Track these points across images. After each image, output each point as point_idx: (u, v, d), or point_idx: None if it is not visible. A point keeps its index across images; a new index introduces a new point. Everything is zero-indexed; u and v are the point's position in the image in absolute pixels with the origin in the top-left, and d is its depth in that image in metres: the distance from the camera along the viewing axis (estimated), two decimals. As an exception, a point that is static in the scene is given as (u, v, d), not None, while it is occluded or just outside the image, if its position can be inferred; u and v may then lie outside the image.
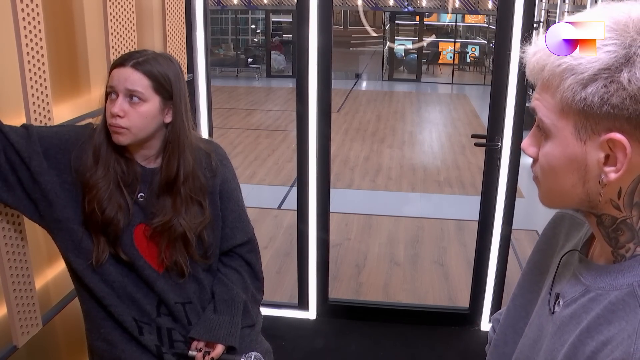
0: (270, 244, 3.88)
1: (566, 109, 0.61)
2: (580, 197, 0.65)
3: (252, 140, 7.59)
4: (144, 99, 1.26)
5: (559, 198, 0.68)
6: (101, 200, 1.27)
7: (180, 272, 1.36)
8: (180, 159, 1.32)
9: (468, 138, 5.97)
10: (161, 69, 1.28)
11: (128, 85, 1.24)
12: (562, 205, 0.71)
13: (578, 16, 0.62)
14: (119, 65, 1.26)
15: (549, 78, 0.62)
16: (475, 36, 16.66)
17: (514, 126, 2.48)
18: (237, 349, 1.39)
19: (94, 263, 1.29)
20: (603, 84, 0.58)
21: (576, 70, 0.59)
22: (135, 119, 1.25)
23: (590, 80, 0.58)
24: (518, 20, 2.36)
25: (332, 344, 2.71)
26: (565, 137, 0.63)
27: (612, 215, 0.65)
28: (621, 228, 0.65)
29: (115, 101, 1.25)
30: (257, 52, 15.04)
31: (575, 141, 0.62)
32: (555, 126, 0.63)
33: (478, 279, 2.79)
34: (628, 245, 0.65)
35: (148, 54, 1.29)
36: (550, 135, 0.64)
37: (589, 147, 0.62)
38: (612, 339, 0.61)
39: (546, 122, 0.64)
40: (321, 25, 2.49)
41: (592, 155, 0.62)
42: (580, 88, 0.59)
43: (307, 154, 2.67)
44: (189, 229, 1.34)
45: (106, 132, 1.29)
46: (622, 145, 0.59)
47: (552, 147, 0.65)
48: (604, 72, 0.57)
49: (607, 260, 0.68)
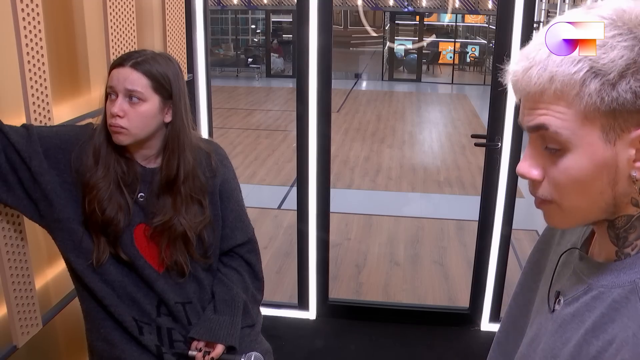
0: (270, 244, 3.88)
1: (591, 114, 0.59)
2: (607, 203, 0.63)
3: (252, 140, 7.59)
4: (143, 98, 1.25)
5: (581, 214, 0.65)
6: (101, 200, 1.27)
7: (181, 272, 1.36)
8: (180, 158, 1.32)
9: (468, 138, 5.96)
10: (160, 69, 1.27)
11: (127, 85, 1.24)
12: (583, 221, 0.67)
13: (580, 11, 0.61)
14: (118, 65, 1.26)
15: (562, 88, 0.59)
16: (475, 36, 16.66)
17: (514, 126, 2.48)
18: (237, 349, 1.39)
19: (94, 263, 1.29)
20: (634, 78, 0.56)
21: (600, 73, 0.57)
22: (135, 118, 1.25)
23: (619, 78, 0.57)
24: (518, 20, 2.36)
25: (332, 344, 2.71)
26: (591, 144, 0.60)
27: (628, 214, 0.64)
28: (635, 225, 0.63)
29: (114, 101, 1.25)
30: (257, 52, 15.04)
31: (604, 144, 0.60)
32: (577, 135, 0.60)
33: (478, 279, 2.79)
34: (636, 242, 0.64)
35: (147, 53, 1.29)
36: (570, 147, 0.61)
37: (619, 147, 0.59)
38: (616, 337, 0.60)
39: (564, 133, 0.60)
40: (321, 25, 2.49)
41: (622, 155, 0.60)
42: (610, 89, 0.57)
43: (307, 154, 2.66)
44: (189, 228, 1.34)
45: (106, 132, 1.29)
46: None
47: (575, 159, 0.61)
48: (632, 67, 0.56)
49: (607, 258, 0.68)
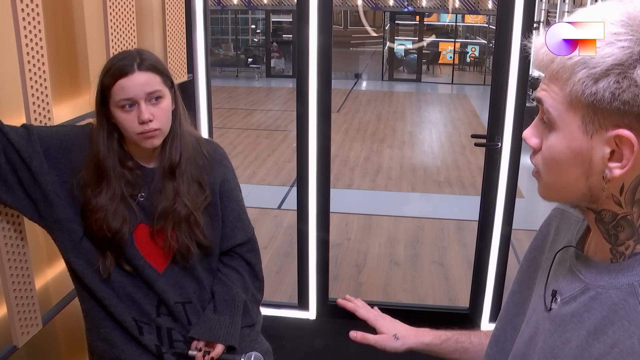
0: (270, 244, 3.88)
1: (575, 102, 0.60)
2: (582, 192, 0.65)
3: (252, 140, 7.59)
4: (162, 95, 1.27)
5: (559, 192, 0.68)
6: (108, 220, 1.27)
7: (187, 255, 1.35)
8: (182, 142, 1.34)
9: (468, 138, 5.97)
10: (157, 61, 1.28)
11: (147, 89, 1.24)
12: (562, 199, 0.70)
13: (589, 10, 0.61)
14: (125, 74, 1.22)
15: (558, 70, 0.61)
16: (475, 36, 16.66)
17: (514, 126, 2.48)
18: (237, 349, 1.39)
19: (102, 273, 1.30)
20: (615, 79, 0.57)
21: (588, 64, 0.58)
22: (161, 116, 1.27)
23: (602, 75, 0.57)
24: (518, 20, 2.37)
25: (332, 344, 2.71)
26: (571, 131, 0.62)
27: (612, 211, 0.65)
28: (621, 224, 0.64)
29: (134, 109, 1.24)
30: (257, 52, 15.04)
31: (582, 135, 0.61)
32: (562, 118, 0.62)
33: (478, 279, 2.79)
34: (628, 242, 0.65)
35: (135, 52, 1.28)
36: (555, 127, 0.63)
37: (595, 141, 0.61)
38: (619, 342, 0.60)
39: (553, 113, 0.63)
40: (321, 25, 2.49)
41: (597, 150, 0.61)
42: (591, 82, 0.58)
43: (307, 154, 2.67)
44: (194, 209, 1.34)
45: (109, 144, 1.28)
46: (630, 142, 0.58)
47: (557, 139, 0.64)
48: (617, 68, 0.57)
49: (603, 257, 0.68)
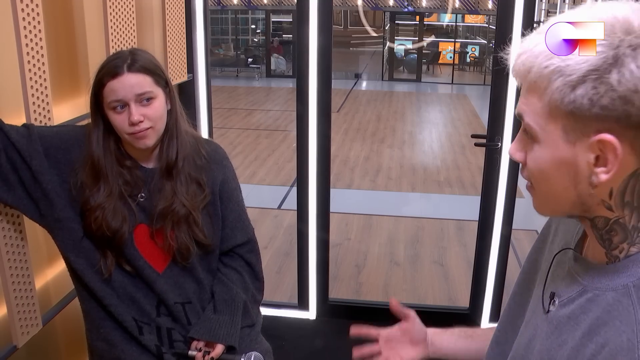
0: (270, 244, 3.88)
1: (554, 111, 0.60)
2: (573, 200, 0.65)
3: (252, 140, 7.59)
4: (153, 96, 1.27)
5: (551, 203, 0.68)
6: (107, 218, 1.27)
7: (187, 255, 1.35)
8: (178, 141, 1.34)
9: (468, 138, 5.96)
10: (149, 60, 1.28)
11: (136, 90, 1.24)
12: (556, 211, 0.70)
13: (562, 16, 0.61)
14: (114, 75, 1.22)
15: (536, 80, 0.61)
16: (475, 36, 16.66)
17: (514, 126, 2.48)
18: (237, 349, 1.39)
19: (104, 274, 1.30)
20: (592, 85, 0.57)
21: (564, 72, 0.58)
22: (153, 116, 1.27)
23: (579, 82, 0.57)
24: (518, 20, 2.36)
25: (332, 344, 2.70)
26: (553, 140, 0.62)
27: (604, 216, 0.65)
28: (614, 228, 0.64)
29: (125, 111, 1.24)
30: (257, 52, 15.04)
31: (565, 144, 0.61)
32: (544, 130, 0.62)
33: (478, 279, 2.79)
34: (622, 245, 0.65)
35: (127, 52, 1.28)
36: (538, 139, 0.64)
37: (578, 149, 0.61)
38: (609, 341, 0.60)
39: (534, 126, 0.63)
40: (321, 25, 2.49)
41: (582, 157, 0.61)
42: (569, 90, 0.58)
43: (307, 154, 2.66)
44: (192, 209, 1.34)
45: (105, 144, 1.28)
46: (613, 146, 0.58)
47: (540, 151, 0.64)
48: (592, 74, 0.57)
49: (600, 260, 0.68)
